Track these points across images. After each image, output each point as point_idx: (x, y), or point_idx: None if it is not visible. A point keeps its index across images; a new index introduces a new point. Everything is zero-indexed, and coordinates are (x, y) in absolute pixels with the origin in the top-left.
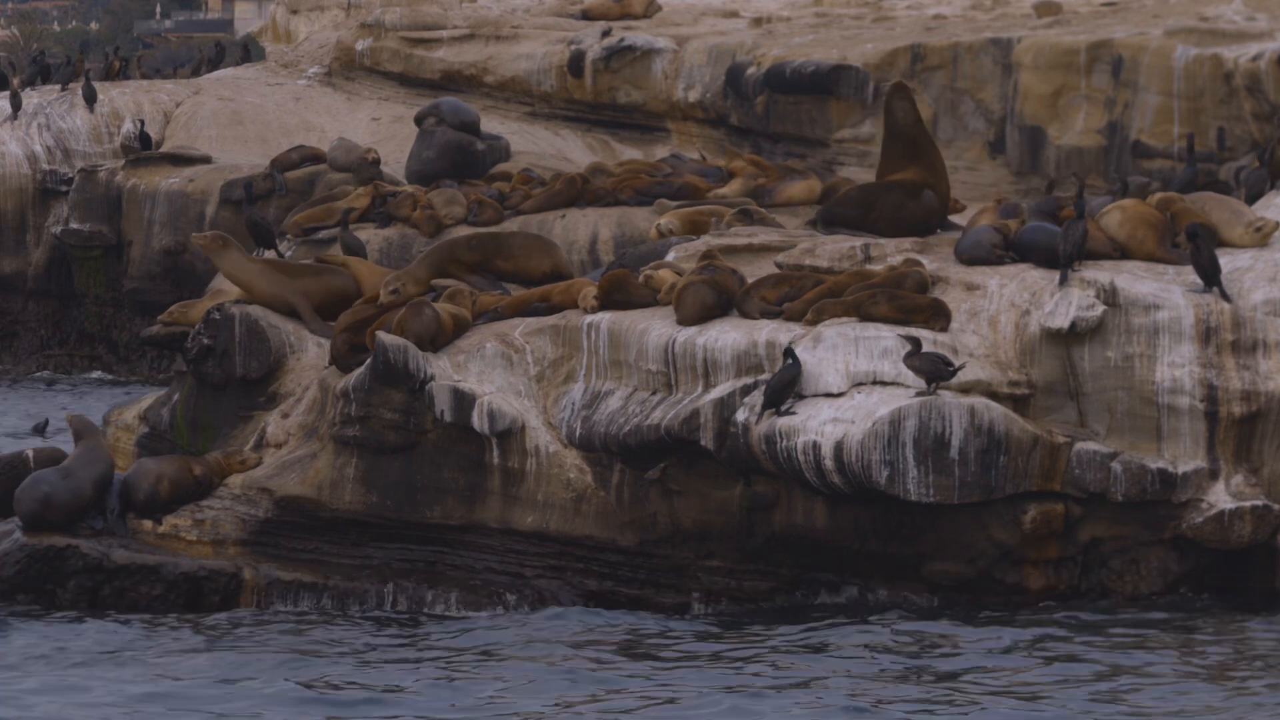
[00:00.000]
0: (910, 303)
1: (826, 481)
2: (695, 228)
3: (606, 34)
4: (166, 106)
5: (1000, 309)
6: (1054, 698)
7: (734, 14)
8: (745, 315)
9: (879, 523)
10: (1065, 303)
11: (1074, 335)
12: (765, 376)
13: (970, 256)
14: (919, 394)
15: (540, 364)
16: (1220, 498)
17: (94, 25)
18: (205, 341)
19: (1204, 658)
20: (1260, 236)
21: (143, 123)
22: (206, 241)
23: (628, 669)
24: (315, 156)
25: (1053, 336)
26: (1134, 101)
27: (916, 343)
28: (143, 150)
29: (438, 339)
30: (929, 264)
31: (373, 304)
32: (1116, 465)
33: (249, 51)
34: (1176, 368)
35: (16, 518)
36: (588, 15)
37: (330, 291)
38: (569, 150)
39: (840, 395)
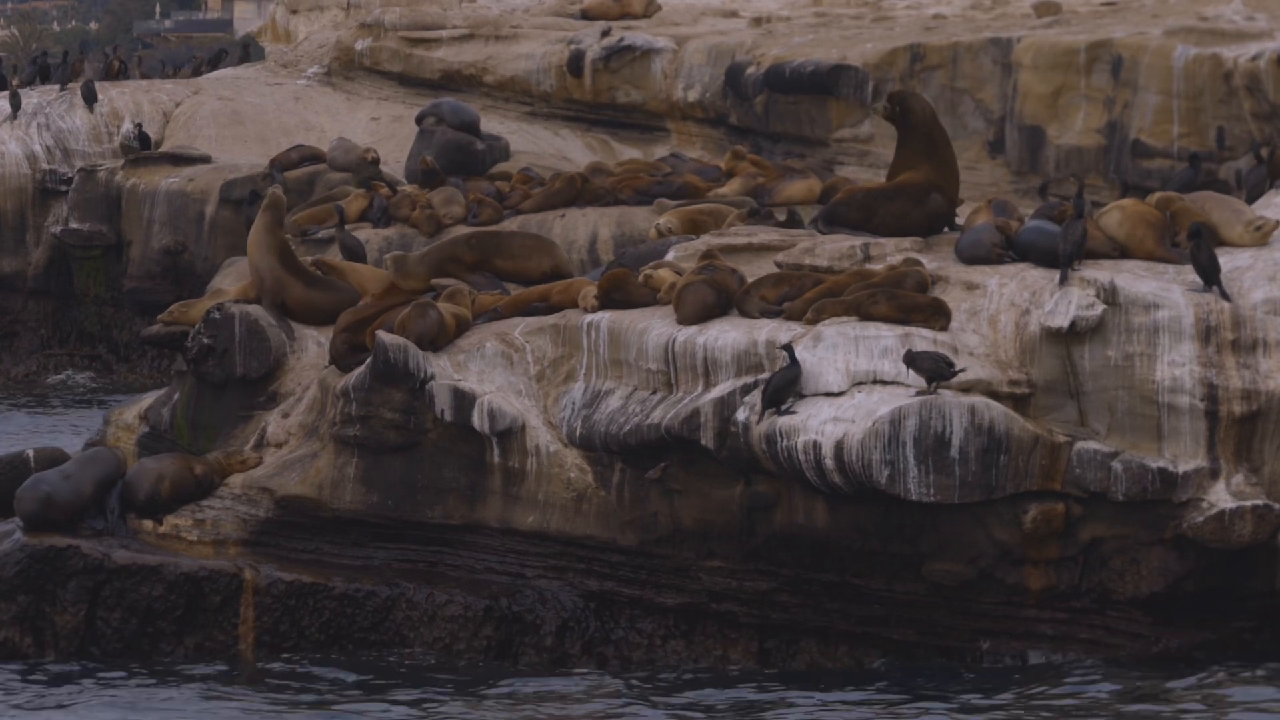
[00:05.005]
0: (910, 302)
1: (827, 481)
2: (695, 227)
3: (606, 34)
4: (166, 106)
5: (1000, 308)
6: None
7: (733, 14)
8: (745, 315)
9: (879, 522)
10: (1065, 302)
11: (1074, 334)
12: (765, 376)
13: (970, 255)
14: (919, 393)
15: (540, 363)
16: (1221, 497)
17: (94, 25)
18: (205, 341)
19: None
20: (1260, 235)
21: (139, 125)
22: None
23: None
24: (315, 156)
25: (1053, 336)
26: (1133, 101)
27: (910, 353)
28: (142, 150)
29: (439, 340)
30: (929, 263)
31: (374, 303)
32: (1117, 465)
33: (248, 51)
34: (1176, 367)
35: (17, 518)
36: (587, 15)
37: (310, 305)
38: (568, 150)
39: (840, 394)
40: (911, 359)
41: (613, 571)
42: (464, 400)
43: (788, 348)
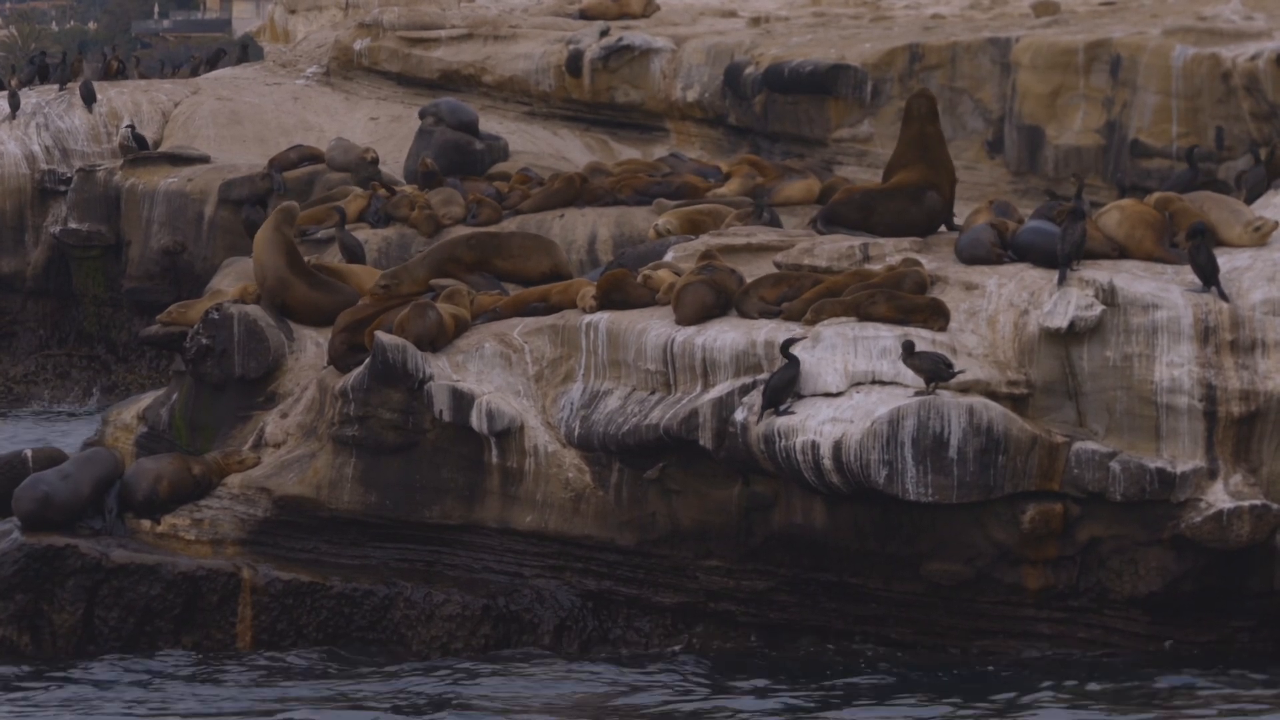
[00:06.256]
0: (909, 302)
1: (825, 481)
2: (694, 227)
3: (605, 33)
4: (165, 106)
5: (999, 308)
6: None
7: (732, 13)
8: (744, 315)
9: (878, 522)
10: (1064, 302)
11: (1073, 335)
12: (764, 376)
13: (969, 255)
14: (918, 393)
15: (539, 364)
16: (1219, 497)
17: (92, 25)
18: (204, 341)
19: None
20: (1259, 236)
21: (132, 127)
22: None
23: None
24: (313, 156)
25: (1051, 336)
26: (1132, 101)
27: (910, 346)
28: (139, 150)
29: (438, 341)
30: (928, 263)
31: (374, 303)
32: (1115, 465)
33: (247, 51)
34: (1175, 367)
35: (15, 517)
36: (586, 15)
37: (313, 306)
38: (567, 150)
39: (839, 395)
40: (910, 358)
41: (610, 571)
42: (462, 400)
43: (785, 346)
